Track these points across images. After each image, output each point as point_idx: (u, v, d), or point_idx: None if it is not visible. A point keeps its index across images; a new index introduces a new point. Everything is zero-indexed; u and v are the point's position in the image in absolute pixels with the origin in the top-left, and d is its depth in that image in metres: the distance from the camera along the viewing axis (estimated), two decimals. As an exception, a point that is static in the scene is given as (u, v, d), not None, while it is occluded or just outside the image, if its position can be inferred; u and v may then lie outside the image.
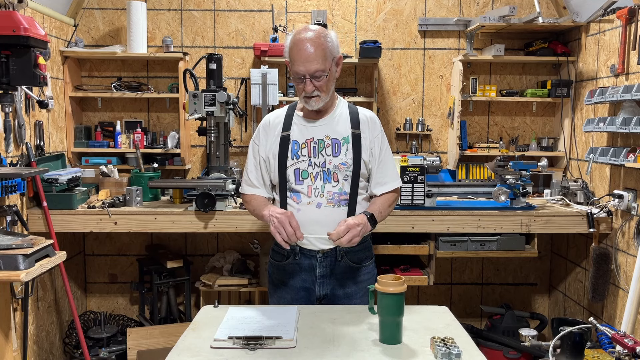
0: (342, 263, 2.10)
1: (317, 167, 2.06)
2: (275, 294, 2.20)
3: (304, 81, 1.98)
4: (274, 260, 2.20)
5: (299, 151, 2.07)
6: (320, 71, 1.96)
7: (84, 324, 3.57)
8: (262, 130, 2.16)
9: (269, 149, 2.11)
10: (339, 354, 1.57)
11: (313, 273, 2.10)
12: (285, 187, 2.08)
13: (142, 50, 3.51)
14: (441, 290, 3.99)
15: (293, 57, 1.98)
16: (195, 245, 3.88)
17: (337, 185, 2.06)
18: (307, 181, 2.06)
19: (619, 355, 1.73)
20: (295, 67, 1.97)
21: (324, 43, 1.96)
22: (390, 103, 3.83)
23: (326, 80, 1.99)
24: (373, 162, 2.11)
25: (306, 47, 1.94)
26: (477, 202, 3.22)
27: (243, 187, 2.20)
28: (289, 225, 1.91)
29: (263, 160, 2.13)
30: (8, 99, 2.48)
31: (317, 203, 2.05)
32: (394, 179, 2.16)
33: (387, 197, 2.14)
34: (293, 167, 2.07)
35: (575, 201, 3.30)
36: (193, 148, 3.80)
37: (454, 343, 1.58)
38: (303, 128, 2.10)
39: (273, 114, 2.19)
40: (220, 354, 1.57)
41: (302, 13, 3.74)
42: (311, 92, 1.98)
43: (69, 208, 3.00)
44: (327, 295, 2.12)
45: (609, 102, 2.97)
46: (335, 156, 2.06)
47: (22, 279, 2.12)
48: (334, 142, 2.08)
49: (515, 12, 3.29)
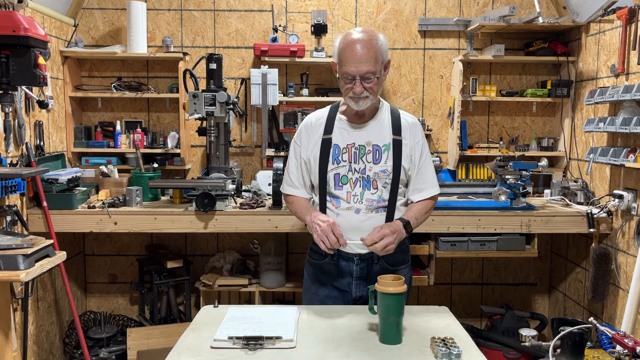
0: (378, 265, 2.10)
1: (357, 173, 2.05)
2: (309, 290, 2.20)
3: (353, 82, 1.95)
4: (311, 259, 2.20)
5: (339, 156, 2.06)
6: (370, 73, 1.93)
7: (84, 324, 3.57)
8: (303, 131, 2.14)
9: (310, 150, 2.10)
10: (339, 354, 1.57)
11: (349, 275, 2.11)
12: (325, 190, 2.07)
13: (142, 50, 3.51)
14: (441, 290, 3.99)
15: (344, 58, 1.95)
16: (195, 245, 3.88)
17: (376, 193, 2.05)
18: (346, 187, 2.05)
19: (619, 355, 1.73)
20: (346, 68, 1.95)
21: (375, 45, 1.94)
22: (390, 103, 3.74)
23: (376, 82, 1.97)
24: (412, 168, 2.10)
25: (358, 48, 1.92)
26: (477, 202, 3.22)
27: (284, 187, 2.21)
28: (332, 234, 1.91)
29: (304, 162, 2.12)
30: (8, 99, 2.48)
31: (356, 209, 2.05)
32: (432, 185, 2.14)
33: (424, 203, 2.12)
34: (333, 172, 2.06)
35: (575, 201, 3.30)
36: (193, 148, 3.80)
37: (454, 343, 1.58)
38: (345, 132, 2.08)
39: (314, 115, 2.17)
40: (220, 354, 1.57)
41: (302, 13, 3.74)
42: (360, 94, 1.96)
43: (69, 208, 3.00)
44: (362, 296, 2.12)
45: (609, 102, 2.97)
46: (375, 163, 2.05)
47: (22, 279, 2.12)
48: (375, 148, 2.06)
49: (515, 12, 3.29)
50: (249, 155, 3.82)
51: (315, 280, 2.17)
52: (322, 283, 2.15)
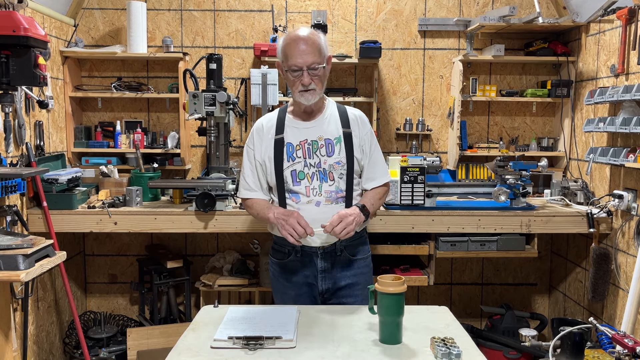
0: (342, 257, 2.18)
1: (313, 167, 2.13)
2: (279, 291, 2.26)
3: (301, 74, 2.03)
4: (275, 259, 2.26)
5: (294, 153, 2.13)
6: (316, 63, 2.03)
7: (84, 324, 3.57)
8: (255, 134, 2.21)
9: (264, 152, 2.17)
10: (339, 354, 1.57)
11: (315, 268, 2.17)
12: (283, 188, 2.13)
13: (142, 50, 3.51)
14: (441, 290, 3.99)
15: (289, 53, 2.04)
16: (195, 245, 3.88)
17: (333, 184, 2.13)
18: (304, 182, 2.13)
19: (619, 355, 1.73)
20: (292, 61, 2.03)
21: (317, 40, 2.06)
22: (390, 103, 3.83)
23: (322, 73, 2.07)
24: (364, 158, 2.20)
25: (301, 42, 2.03)
26: (477, 202, 3.22)
27: (241, 192, 2.26)
28: (298, 225, 1.99)
29: (259, 164, 2.18)
30: (8, 99, 2.48)
31: (316, 202, 2.12)
32: (383, 174, 2.26)
33: (377, 190, 2.23)
34: (290, 169, 2.13)
35: (575, 201, 3.30)
36: (193, 148, 3.80)
37: (454, 343, 1.58)
38: (296, 130, 2.16)
39: (265, 118, 2.25)
40: (220, 354, 1.57)
41: (302, 13, 3.74)
42: (308, 85, 2.04)
43: (69, 208, 3.00)
44: (329, 289, 2.19)
45: (609, 102, 2.97)
46: (329, 156, 2.13)
47: (22, 279, 2.12)
48: (327, 142, 2.14)
49: (515, 12, 3.29)
50: (249, 155, 3.81)
51: (282, 279, 2.23)
52: (290, 281, 2.21)
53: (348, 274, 2.20)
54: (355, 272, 2.21)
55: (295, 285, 2.20)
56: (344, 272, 2.20)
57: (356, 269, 2.22)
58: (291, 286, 2.21)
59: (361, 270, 2.23)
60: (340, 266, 2.19)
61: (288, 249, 2.18)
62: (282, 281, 2.23)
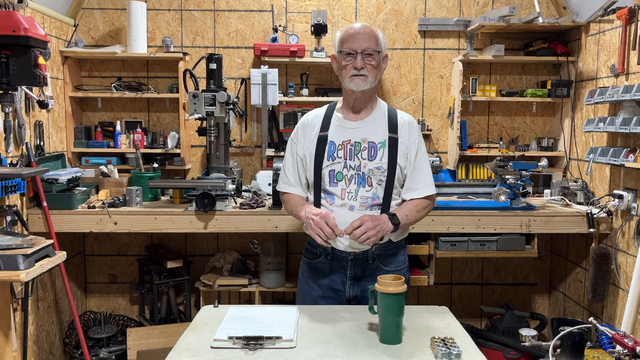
0: (373, 265, 2.10)
1: (352, 169, 2.05)
2: (303, 291, 2.20)
3: (355, 57, 2.00)
4: (306, 258, 2.21)
5: (335, 152, 2.07)
6: (371, 49, 2.01)
7: (84, 324, 3.57)
8: (300, 129, 2.17)
9: (306, 147, 2.11)
10: (339, 354, 1.57)
11: (344, 274, 2.10)
12: (319, 187, 2.08)
13: (142, 50, 3.51)
14: (441, 290, 3.99)
15: (346, 39, 2.03)
16: (195, 245, 3.88)
17: (370, 190, 2.05)
18: (341, 183, 2.06)
19: (619, 355, 1.73)
20: (348, 45, 2.01)
21: (374, 30, 2.06)
22: (390, 103, 3.81)
23: (375, 63, 2.02)
24: (408, 167, 2.09)
25: (359, 29, 2.03)
26: (477, 202, 3.22)
27: (280, 185, 2.21)
28: (326, 225, 1.90)
29: (300, 159, 2.13)
30: (8, 99, 2.48)
31: (350, 206, 2.04)
32: (427, 185, 2.12)
33: (416, 202, 2.10)
34: (328, 168, 2.07)
35: (575, 201, 3.30)
36: (193, 148, 3.80)
37: (454, 343, 1.58)
38: (341, 129, 2.10)
39: (312, 113, 2.19)
40: (220, 354, 1.57)
41: (302, 13, 3.74)
42: (360, 68, 1.99)
43: (69, 208, 3.00)
44: (356, 296, 2.12)
45: (609, 102, 2.97)
46: (370, 160, 2.05)
47: (22, 279, 2.12)
48: (370, 145, 2.07)
49: (515, 12, 3.29)
50: (249, 155, 3.82)
51: (309, 279, 2.18)
52: (316, 282, 2.15)
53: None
54: None
55: (320, 287, 2.14)
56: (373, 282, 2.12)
57: None
58: (317, 287, 2.14)
59: None
60: (371, 275, 2.09)
61: (319, 250, 2.12)
62: (309, 281, 2.17)
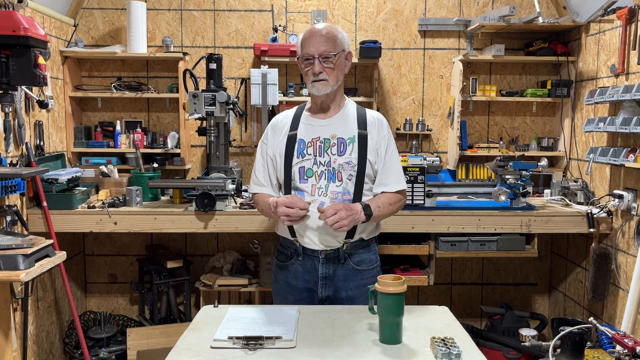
0: (345, 265, 2.11)
1: (322, 165, 2.08)
2: (279, 294, 2.22)
3: (312, 62, 2.02)
4: (278, 261, 2.22)
5: (304, 150, 2.10)
6: (328, 52, 2.02)
7: (84, 324, 3.57)
8: (270, 130, 2.20)
9: (276, 147, 2.14)
10: (339, 354, 1.57)
11: (315, 274, 2.11)
12: (290, 185, 2.10)
13: (142, 50, 3.50)
14: (441, 290, 3.99)
15: (304, 43, 2.05)
16: (195, 245, 3.88)
17: (340, 185, 2.07)
18: (311, 180, 2.08)
19: (619, 355, 1.73)
20: (305, 50, 2.04)
21: (334, 32, 2.06)
22: (390, 103, 3.83)
23: (335, 66, 2.04)
24: (379, 162, 2.11)
25: (316, 32, 2.04)
26: (477, 202, 3.22)
27: (251, 187, 2.24)
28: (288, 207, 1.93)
29: (270, 160, 2.16)
30: (8, 99, 2.48)
31: (320, 202, 2.06)
32: (398, 181, 2.14)
33: (389, 195, 2.12)
34: (298, 166, 2.09)
35: (575, 201, 3.30)
36: (193, 148, 3.80)
37: (454, 343, 1.58)
38: (310, 127, 2.13)
39: (282, 114, 2.22)
40: (220, 354, 1.57)
41: (302, 13, 3.74)
42: (318, 74, 2.02)
43: (69, 208, 3.00)
44: (329, 297, 2.13)
45: (609, 102, 2.97)
46: (340, 155, 2.08)
47: (22, 279, 2.11)
48: (339, 141, 2.09)
49: (515, 12, 3.29)
50: (249, 155, 3.82)
51: (283, 283, 2.19)
52: (290, 285, 2.16)
53: (350, 285, 2.11)
54: (357, 283, 2.11)
55: (295, 290, 2.14)
56: (346, 283, 2.11)
57: (359, 280, 2.11)
58: (291, 290, 2.15)
59: (365, 282, 2.09)
60: (343, 275, 2.10)
61: (290, 251, 2.14)
62: (283, 284, 2.18)
